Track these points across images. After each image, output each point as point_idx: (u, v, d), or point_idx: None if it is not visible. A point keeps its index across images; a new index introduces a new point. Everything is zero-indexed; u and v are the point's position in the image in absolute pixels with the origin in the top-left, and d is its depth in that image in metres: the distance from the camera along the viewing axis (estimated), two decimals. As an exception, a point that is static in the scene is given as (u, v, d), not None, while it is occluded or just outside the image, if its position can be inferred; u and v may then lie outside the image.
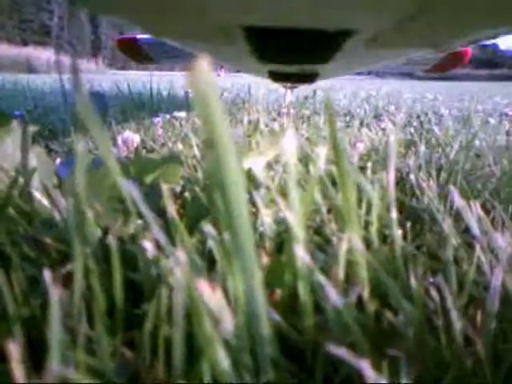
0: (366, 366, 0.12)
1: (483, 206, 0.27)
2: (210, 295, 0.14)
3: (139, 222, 0.25)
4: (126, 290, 0.18)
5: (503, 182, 0.40)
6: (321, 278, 0.15)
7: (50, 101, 1.31)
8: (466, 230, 0.24)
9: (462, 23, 0.31)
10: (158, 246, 0.17)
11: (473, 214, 0.21)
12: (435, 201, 0.30)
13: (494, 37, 0.37)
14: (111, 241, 0.17)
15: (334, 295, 0.15)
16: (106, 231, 0.23)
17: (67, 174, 0.32)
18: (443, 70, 1.36)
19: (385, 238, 0.23)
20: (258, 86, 1.92)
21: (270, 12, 0.29)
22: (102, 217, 0.23)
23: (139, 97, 1.29)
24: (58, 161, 0.48)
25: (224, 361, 0.14)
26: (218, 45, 0.48)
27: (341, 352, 0.12)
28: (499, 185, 0.40)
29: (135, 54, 1.30)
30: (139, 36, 1.20)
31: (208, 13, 0.30)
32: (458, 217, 0.29)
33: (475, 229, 0.19)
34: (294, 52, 0.44)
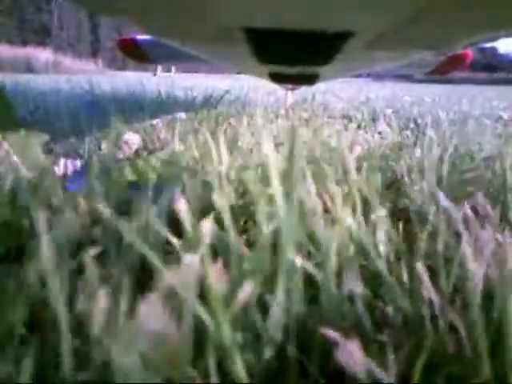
0: (355, 349, 0.13)
1: (474, 207, 0.28)
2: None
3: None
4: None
5: (495, 183, 0.41)
6: (313, 270, 0.16)
7: (50, 101, 1.32)
8: (457, 231, 0.25)
9: (462, 25, 0.32)
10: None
11: (460, 213, 0.22)
12: (427, 201, 0.31)
13: (494, 39, 0.38)
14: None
15: (327, 285, 0.16)
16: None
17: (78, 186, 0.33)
18: (443, 72, 1.36)
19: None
20: (257, 88, 1.93)
21: (271, 14, 0.29)
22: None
23: (139, 98, 1.29)
24: (62, 162, 0.48)
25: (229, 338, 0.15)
26: (219, 46, 0.49)
27: (333, 335, 0.13)
28: (491, 186, 0.41)
29: (135, 54, 1.31)
30: (139, 37, 1.21)
31: (208, 14, 0.30)
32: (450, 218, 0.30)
33: (460, 224, 0.20)
34: (294, 54, 0.45)
